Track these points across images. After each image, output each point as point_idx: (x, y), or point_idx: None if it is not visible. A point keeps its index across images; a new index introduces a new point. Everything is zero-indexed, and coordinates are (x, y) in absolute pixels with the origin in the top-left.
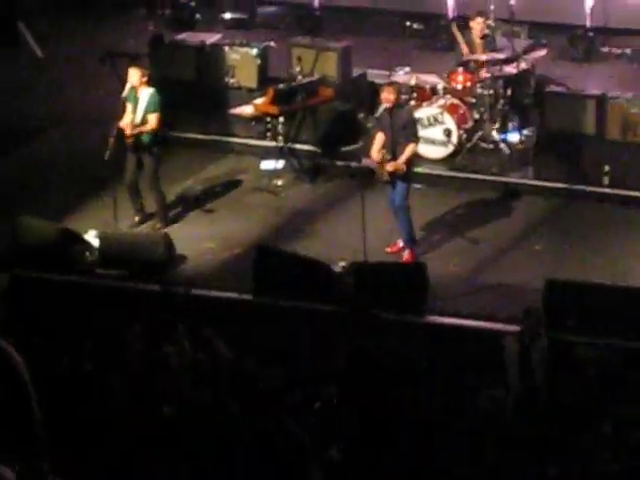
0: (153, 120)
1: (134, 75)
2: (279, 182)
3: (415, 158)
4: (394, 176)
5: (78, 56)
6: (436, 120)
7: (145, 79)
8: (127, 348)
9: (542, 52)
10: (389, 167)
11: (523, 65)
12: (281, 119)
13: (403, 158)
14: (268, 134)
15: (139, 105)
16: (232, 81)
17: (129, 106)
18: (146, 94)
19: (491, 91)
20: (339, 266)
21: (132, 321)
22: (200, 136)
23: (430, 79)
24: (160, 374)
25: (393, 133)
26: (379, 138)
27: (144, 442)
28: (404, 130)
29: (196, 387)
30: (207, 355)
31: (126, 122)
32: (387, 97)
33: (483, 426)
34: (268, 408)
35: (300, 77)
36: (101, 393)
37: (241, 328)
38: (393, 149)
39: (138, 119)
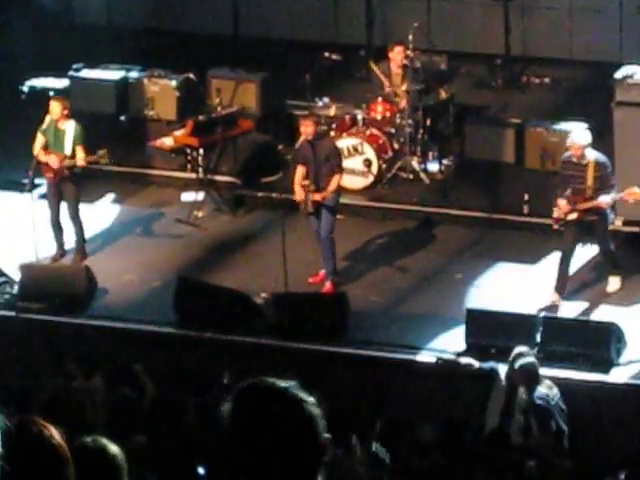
0: (81, 152)
1: (56, 108)
2: (200, 213)
3: (339, 189)
4: (319, 207)
5: None
6: (356, 150)
7: (67, 112)
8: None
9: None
10: (316, 197)
11: (442, 95)
12: (201, 150)
13: (330, 188)
14: (188, 166)
15: (66, 138)
16: (151, 113)
17: (41, 137)
18: (70, 127)
19: (410, 121)
20: (260, 297)
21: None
22: (120, 168)
23: (349, 109)
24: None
25: (316, 164)
26: (300, 170)
27: None
28: (328, 161)
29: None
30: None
31: (48, 156)
32: (306, 129)
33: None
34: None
35: (219, 109)
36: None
37: (163, 360)
38: (316, 180)
39: (67, 152)
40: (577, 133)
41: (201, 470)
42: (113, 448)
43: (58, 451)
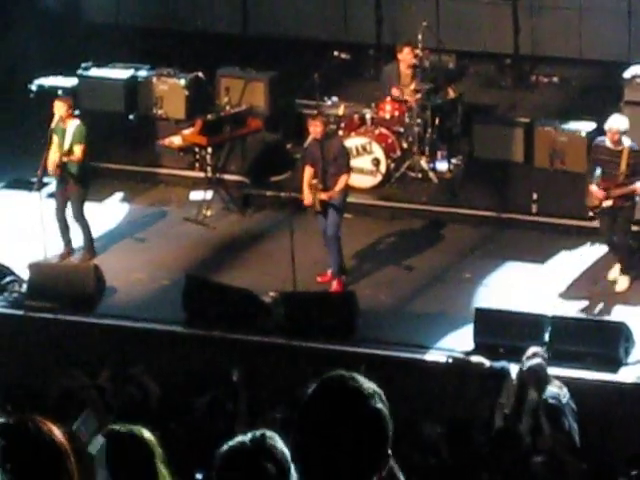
0: (78, 151)
1: (60, 108)
2: (208, 212)
3: (347, 188)
4: (326, 206)
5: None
6: (364, 150)
7: (71, 111)
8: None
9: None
10: (323, 196)
11: (451, 94)
12: (209, 149)
13: (337, 188)
14: (197, 165)
15: (66, 137)
16: (160, 112)
17: (56, 138)
18: (72, 126)
19: (419, 120)
20: (269, 296)
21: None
22: (129, 167)
23: (358, 109)
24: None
25: (324, 164)
26: (308, 171)
27: None
28: (336, 161)
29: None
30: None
31: (53, 154)
32: (315, 129)
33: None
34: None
35: (228, 107)
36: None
37: (171, 359)
38: (324, 179)
39: (65, 150)
40: (616, 118)
41: (199, 476)
42: (147, 434)
43: (58, 447)
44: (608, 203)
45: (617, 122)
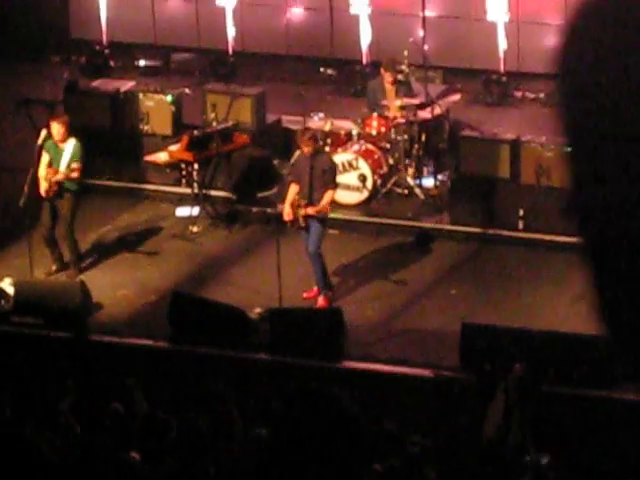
0: (77, 169)
1: (59, 128)
2: (195, 228)
3: (330, 204)
4: (310, 221)
5: None
6: (351, 166)
7: (67, 130)
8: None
9: (456, 97)
10: (309, 211)
11: (437, 110)
12: (196, 165)
13: (323, 202)
14: (183, 181)
15: (63, 156)
16: (146, 128)
17: (46, 155)
18: (70, 145)
19: (406, 136)
20: (255, 312)
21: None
22: (115, 183)
23: (344, 125)
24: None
25: (311, 178)
26: (293, 187)
27: None
28: (324, 175)
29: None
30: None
31: (44, 172)
32: (306, 143)
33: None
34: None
35: (215, 123)
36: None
37: (157, 375)
38: (310, 194)
39: (62, 168)
40: None
41: None
42: None
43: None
44: None
45: None
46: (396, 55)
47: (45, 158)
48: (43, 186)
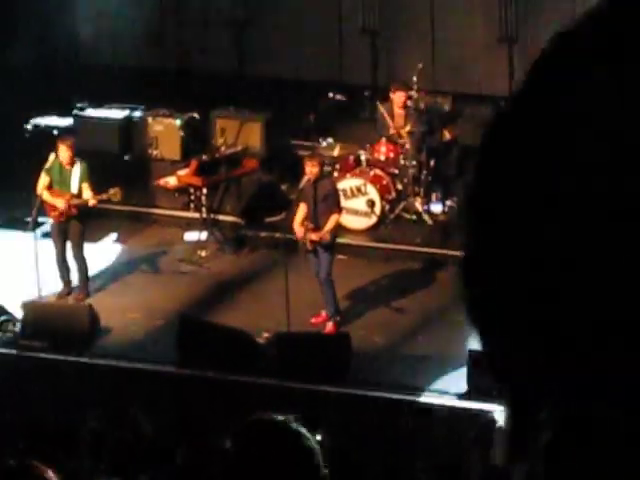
0: (88, 191)
1: (66, 151)
2: (203, 253)
3: (338, 229)
4: (317, 246)
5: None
6: (359, 191)
7: (74, 155)
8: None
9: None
10: (313, 236)
11: (446, 136)
12: (204, 190)
13: (327, 228)
14: (191, 205)
15: (72, 177)
16: (155, 152)
17: (46, 177)
18: (78, 166)
19: (414, 162)
20: (263, 337)
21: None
22: (124, 207)
23: (353, 150)
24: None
25: (316, 204)
26: (301, 210)
27: None
28: (326, 200)
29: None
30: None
31: (53, 195)
32: (311, 169)
33: None
34: None
35: (223, 148)
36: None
37: (165, 399)
38: (316, 220)
39: (74, 190)
40: None
41: None
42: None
43: None
44: None
45: None
46: (403, 81)
47: (45, 180)
48: (59, 208)
